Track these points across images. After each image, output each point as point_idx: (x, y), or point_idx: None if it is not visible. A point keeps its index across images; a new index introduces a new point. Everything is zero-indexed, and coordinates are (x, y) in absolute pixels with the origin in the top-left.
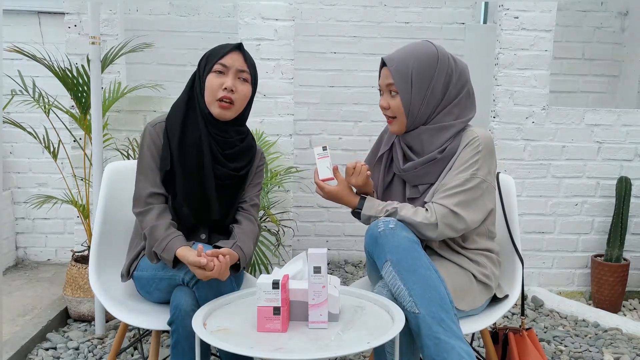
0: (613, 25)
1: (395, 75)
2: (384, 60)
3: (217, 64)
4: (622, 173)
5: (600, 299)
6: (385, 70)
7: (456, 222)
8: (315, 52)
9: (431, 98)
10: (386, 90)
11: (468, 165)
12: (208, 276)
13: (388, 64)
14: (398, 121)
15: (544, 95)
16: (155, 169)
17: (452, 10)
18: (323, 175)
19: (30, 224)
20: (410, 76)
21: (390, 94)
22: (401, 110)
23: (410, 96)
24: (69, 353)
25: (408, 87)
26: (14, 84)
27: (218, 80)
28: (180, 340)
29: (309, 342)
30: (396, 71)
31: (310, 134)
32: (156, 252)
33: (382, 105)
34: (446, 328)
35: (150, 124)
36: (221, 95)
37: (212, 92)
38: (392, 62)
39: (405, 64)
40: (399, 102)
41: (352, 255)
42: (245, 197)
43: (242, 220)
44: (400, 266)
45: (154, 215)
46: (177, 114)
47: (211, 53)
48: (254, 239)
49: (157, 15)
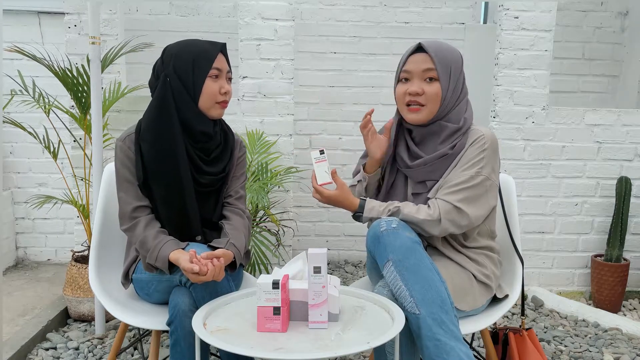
0: (613, 25)
1: (437, 61)
2: (424, 45)
3: (213, 69)
4: (622, 173)
5: (600, 299)
6: (423, 55)
7: (459, 218)
8: (315, 52)
9: (456, 92)
10: (421, 76)
11: (473, 162)
12: (202, 280)
13: (429, 50)
14: (427, 109)
15: (544, 95)
16: (134, 182)
17: (452, 10)
18: (321, 180)
19: (30, 224)
20: (450, 66)
21: (425, 80)
22: (439, 97)
23: (448, 84)
24: (69, 353)
25: (447, 76)
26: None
27: (216, 85)
28: (179, 340)
29: (309, 342)
30: (438, 57)
31: (310, 134)
32: (150, 263)
33: (414, 91)
34: (446, 329)
35: (119, 139)
36: (221, 99)
37: (212, 97)
38: (432, 48)
39: (444, 53)
40: (437, 89)
41: (352, 255)
42: (230, 191)
43: (230, 215)
44: (401, 266)
45: (142, 228)
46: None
47: (197, 56)
48: (245, 233)
49: (157, 15)
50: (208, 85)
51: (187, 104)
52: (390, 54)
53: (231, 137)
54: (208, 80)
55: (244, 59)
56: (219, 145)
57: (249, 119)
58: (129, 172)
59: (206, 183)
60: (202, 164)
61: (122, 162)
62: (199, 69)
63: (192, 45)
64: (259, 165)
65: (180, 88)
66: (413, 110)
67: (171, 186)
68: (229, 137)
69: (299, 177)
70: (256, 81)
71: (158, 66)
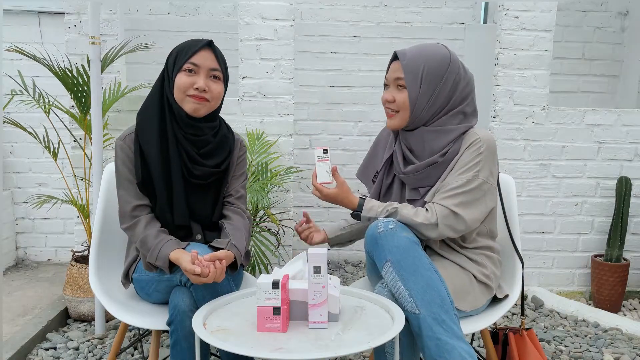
0: (613, 25)
1: (406, 70)
2: (397, 53)
3: (188, 63)
4: (622, 173)
5: (600, 299)
6: (396, 64)
7: (456, 223)
8: (315, 52)
9: (436, 100)
10: (394, 84)
11: (470, 166)
12: (203, 282)
13: (400, 58)
14: (399, 116)
15: (544, 95)
16: (134, 181)
17: (452, 10)
18: (322, 179)
19: (30, 224)
20: (421, 73)
21: (397, 88)
22: (406, 105)
23: (417, 93)
24: (69, 353)
25: (417, 84)
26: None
27: (189, 80)
28: (179, 340)
29: (309, 342)
30: (407, 66)
31: (310, 134)
32: (150, 262)
33: (386, 98)
34: (447, 328)
35: (119, 138)
36: (192, 92)
37: (181, 89)
38: (404, 57)
39: (418, 61)
40: (405, 97)
41: (352, 255)
42: (230, 190)
43: (230, 215)
44: (400, 267)
45: (142, 227)
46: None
47: (180, 50)
48: (246, 233)
49: (157, 15)
50: (179, 77)
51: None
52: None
53: (230, 136)
54: (181, 73)
55: (244, 59)
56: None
57: (249, 119)
58: (128, 171)
59: (199, 174)
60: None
61: (123, 161)
62: (177, 62)
63: (182, 43)
64: (259, 165)
65: (167, 82)
66: (389, 116)
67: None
68: (228, 136)
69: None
70: (256, 81)
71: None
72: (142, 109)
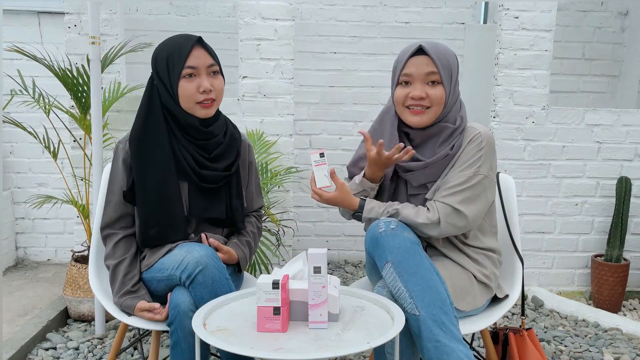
0: (613, 25)
1: (439, 64)
2: (425, 48)
3: (186, 68)
4: (622, 173)
5: (600, 299)
6: (423, 58)
7: (458, 220)
8: (315, 52)
9: (455, 93)
10: (424, 79)
11: (471, 162)
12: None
13: (431, 52)
14: (432, 111)
15: (544, 95)
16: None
17: (452, 10)
18: (320, 183)
19: (30, 224)
20: (450, 67)
21: (428, 83)
22: (442, 100)
23: (450, 87)
24: (69, 353)
25: (449, 78)
26: (14, 84)
27: (192, 85)
28: (179, 340)
29: (309, 342)
30: (440, 60)
31: (310, 134)
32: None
33: (417, 95)
34: (446, 331)
35: (121, 141)
36: (201, 98)
37: (189, 98)
38: (434, 51)
39: (445, 55)
40: (441, 92)
41: (352, 255)
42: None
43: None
44: (401, 267)
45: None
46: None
47: (170, 54)
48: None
49: (157, 15)
50: (182, 86)
51: (172, 104)
52: (390, 54)
53: (237, 135)
54: (182, 81)
55: (244, 59)
56: (221, 144)
57: (249, 119)
58: (121, 178)
59: (207, 177)
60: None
61: (119, 166)
62: (173, 69)
63: (168, 43)
64: (259, 165)
65: (163, 89)
66: (416, 112)
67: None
68: (235, 137)
69: (299, 177)
70: (256, 81)
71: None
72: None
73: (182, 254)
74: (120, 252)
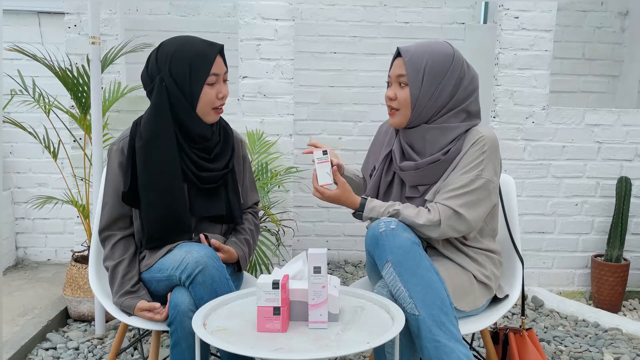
0: (613, 25)
1: (408, 67)
2: (400, 50)
3: (211, 75)
4: (622, 173)
5: (600, 299)
6: (399, 60)
7: (459, 224)
8: (315, 52)
9: (439, 97)
10: (396, 81)
11: (473, 165)
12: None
13: (403, 55)
14: (401, 114)
15: (544, 95)
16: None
17: (452, 10)
18: (322, 181)
19: (30, 224)
20: (423, 70)
21: (399, 85)
22: (408, 102)
23: (419, 90)
24: (69, 353)
25: (419, 81)
26: (14, 84)
27: (213, 91)
28: (179, 340)
29: (309, 342)
30: (410, 63)
31: (310, 134)
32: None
33: (388, 95)
34: (446, 331)
35: (114, 143)
36: (218, 104)
37: (209, 104)
38: (407, 54)
39: (420, 58)
40: (407, 94)
41: (352, 255)
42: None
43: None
44: (401, 267)
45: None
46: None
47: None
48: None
49: (157, 15)
50: (206, 92)
51: (184, 109)
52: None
53: (230, 132)
54: (206, 87)
55: (244, 59)
56: (219, 142)
57: (249, 119)
58: (117, 180)
59: (207, 178)
60: (205, 162)
61: (114, 168)
62: (196, 75)
63: (189, 46)
64: (259, 165)
65: (177, 93)
66: (391, 114)
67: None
68: (229, 133)
69: (299, 177)
70: (256, 81)
71: (152, 64)
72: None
73: (181, 254)
74: (119, 252)
